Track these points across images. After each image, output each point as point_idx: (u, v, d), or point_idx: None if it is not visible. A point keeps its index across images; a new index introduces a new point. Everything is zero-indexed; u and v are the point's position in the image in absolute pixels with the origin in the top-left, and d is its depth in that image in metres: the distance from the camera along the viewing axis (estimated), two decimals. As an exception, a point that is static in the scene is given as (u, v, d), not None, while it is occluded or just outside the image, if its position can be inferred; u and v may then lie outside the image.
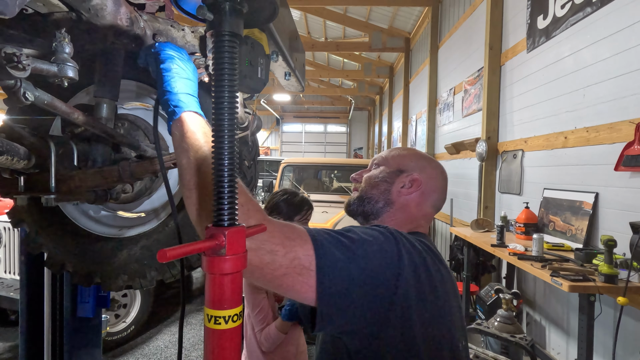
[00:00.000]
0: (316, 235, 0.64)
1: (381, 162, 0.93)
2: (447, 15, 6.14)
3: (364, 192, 0.90)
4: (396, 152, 0.95)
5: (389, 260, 0.65)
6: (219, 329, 0.42)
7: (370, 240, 0.67)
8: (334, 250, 0.62)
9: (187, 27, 0.83)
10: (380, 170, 0.91)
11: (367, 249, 0.65)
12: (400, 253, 0.67)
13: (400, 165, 0.90)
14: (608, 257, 2.01)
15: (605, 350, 2.40)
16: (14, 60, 0.47)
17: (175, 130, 0.62)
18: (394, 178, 0.88)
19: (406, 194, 0.87)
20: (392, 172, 0.89)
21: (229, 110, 0.43)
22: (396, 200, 0.87)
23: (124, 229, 1.10)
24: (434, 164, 0.93)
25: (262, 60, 0.59)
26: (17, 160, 0.70)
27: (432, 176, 0.90)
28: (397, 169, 0.90)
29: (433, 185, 0.89)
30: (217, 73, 0.43)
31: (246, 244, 0.47)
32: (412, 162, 0.90)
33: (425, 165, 0.91)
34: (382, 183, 0.88)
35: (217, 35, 0.42)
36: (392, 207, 0.87)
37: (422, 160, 0.92)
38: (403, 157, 0.92)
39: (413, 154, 0.94)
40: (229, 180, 0.44)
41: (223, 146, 0.44)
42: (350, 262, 0.62)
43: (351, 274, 0.61)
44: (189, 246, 0.38)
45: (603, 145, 2.53)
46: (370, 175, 0.92)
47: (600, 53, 2.58)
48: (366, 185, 0.90)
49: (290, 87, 0.99)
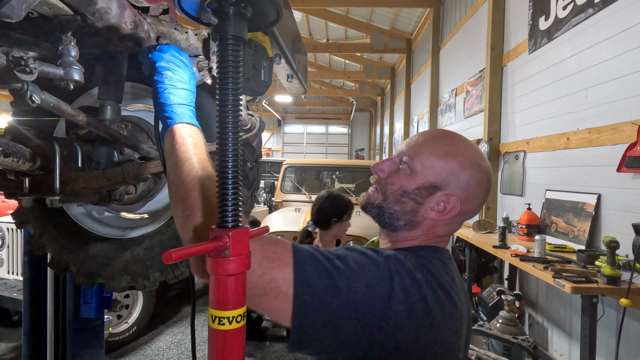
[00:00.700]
0: (301, 258, 0.58)
1: (413, 161, 0.71)
2: (449, 17, 6.14)
3: (386, 203, 0.72)
4: (438, 151, 0.70)
5: (376, 300, 0.57)
6: (223, 329, 0.43)
7: (358, 273, 0.59)
8: (315, 279, 0.57)
9: (190, 30, 0.84)
10: (410, 178, 0.70)
11: (352, 283, 0.57)
12: (391, 292, 0.58)
13: (437, 179, 0.69)
14: (611, 259, 2.00)
15: (608, 352, 2.39)
16: (22, 64, 0.48)
17: (166, 142, 0.62)
18: (425, 197, 0.70)
19: (436, 217, 0.70)
20: (424, 189, 0.70)
21: (233, 114, 0.43)
22: (422, 222, 0.71)
23: (127, 230, 1.11)
24: (480, 177, 0.71)
25: (265, 63, 0.60)
26: (23, 162, 0.70)
27: (473, 196, 0.71)
28: (432, 183, 0.69)
29: (471, 205, 0.72)
30: (222, 77, 0.44)
31: (245, 279, 0.47)
32: (454, 177, 0.69)
33: (468, 182, 0.70)
34: (410, 202, 0.70)
35: (221, 39, 0.43)
36: (415, 228, 0.72)
37: (467, 174, 0.70)
38: (445, 165, 0.69)
39: (459, 162, 0.70)
40: (233, 182, 0.44)
41: (227, 149, 0.44)
42: (330, 294, 0.56)
43: (328, 307, 0.56)
44: (194, 247, 0.39)
45: (605, 146, 2.52)
46: (396, 184, 0.71)
47: (602, 54, 2.58)
48: (390, 195, 0.71)
49: (293, 89, 1.00)
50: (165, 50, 0.69)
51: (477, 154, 0.72)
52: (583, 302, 2.10)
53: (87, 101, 1.04)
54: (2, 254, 3.10)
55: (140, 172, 0.88)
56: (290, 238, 3.12)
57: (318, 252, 0.61)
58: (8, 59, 0.47)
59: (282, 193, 4.69)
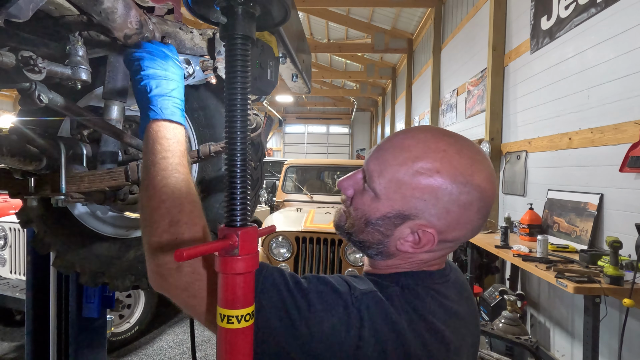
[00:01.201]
0: (261, 291, 0.50)
1: (375, 182, 0.57)
2: (450, 17, 6.14)
3: (353, 230, 0.61)
4: (406, 167, 0.55)
5: (340, 350, 0.48)
6: (232, 328, 0.43)
7: (321, 316, 0.50)
8: (273, 318, 0.49)
9: (195, 30, 0.84)
10: (373, 203, 0.57)
11: (312, 329, 0.49)
12: (359, 340, 0.49)
13: (405, 207, 0.55)
14: (613, 259, 2.00)
15: (610, 353, 2.39)
16: (31, 63, 0.48)
17: (144, 140, 0.58)
18: (391, 228, 0.57)
19: (410, 249, 0.58)
20: (389, 220, 0.57)
21: (241, 113, 0.43)
22: (395, 253, 0.60)
23: (131, 230, 1.11)
24: (470, 198, 0.54)
25: (271, 62, 0.60)
26: (29, 161, 0.71)
27: (459, 221, 0.56)
28: (399, 212, 0.56)
29: (458, 233, 0.57)
30: (230, 76, 0.44)
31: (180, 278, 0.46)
32: (426, 203, 0.54)
33: (449, 206, 0.54)
34: (375, 232, 0.58)
35: (230, 38, 0.43)
36: (391, 258, 0.61)
37: (447, 197, 0.54)
38: (415, 187, 0.54)
39: (437, 182, 0.54)
40: (242, 181, 0.44)
41: (236, 148, 0.44)
42: (289, 335, 0.49)
43: (287, 349, 0.49)
44: (204, 246, 0.39)
45: (608, 146, 2.52)
46: (359, 209, 0.59)
47: (605, 54, 2.57)
48: (355, 222, 0.60)
49: (297, 88, 1.00)
50: (146, 45, 0.63)
51: (464, 166, 0.54)
52: (586, 302, 2.09)
53: (92, 101, 1.04)
54: (5, 253, 3.11)
55: (145, 172, 0.88)
56: (292, 238, 3.12)
57: (282, 279, 0.52)
58: (17, 58, 0.47)
59: (284, 193, 4.69)
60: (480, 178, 0.55)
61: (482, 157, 0.57)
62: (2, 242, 3.11)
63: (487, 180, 0.56)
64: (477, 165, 0.55)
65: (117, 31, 0.71)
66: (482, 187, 0.55)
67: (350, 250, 3.07)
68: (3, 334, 3.43)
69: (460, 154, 0.55)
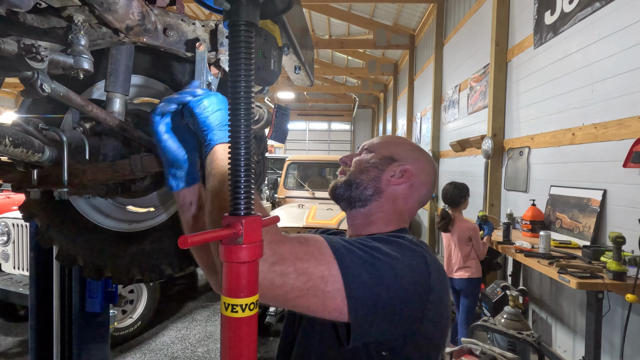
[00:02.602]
0: (341, 254, 0.61)
1: (372, 148, 0.87)
2: (453, 12, 6.10)
3: (353, 176, 0.84)
4: (389, 139, 0.90)
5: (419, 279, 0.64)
6: (235, 317, 0.42)
7: (398, 259, 0.64)
8: (363, 273, 0.60)
9: (197, 22, 0.83)
10: (371, 156, 0.85)
11: (396, 272, 0.62)
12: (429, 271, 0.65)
13: (392, 153, 0.85)
14: (616, 254, 1.99)
15: (612, 349, 2.39)
16: (32, 51, 0.47)
17: (207, 160, 0.66)
18: (385, 165, 0.83)
19: (395, 183, 0.82)
20: (383, 159, 0.84)
21: (245, 100, 0.43)
22: (385, 189, 0.83)
23: (134, 223, 1.11)
24: (427, 158, 0.88)
25: (274, 52, 0.59)
26: (32, 153, 0.70)
27: (424, 170, 0.85)
28: (388, 156, 0.84)
29: (423, 179, 0.85)
30: (233, 63, 0.43)
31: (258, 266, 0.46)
32: (404, 152, 0.85)
33: (418, 157, 0.86)
34: (373, 169, 0.83)
35: (233, 24, 0.42)
36: (381, 197, 0.82)
37: (415, 152, 0.87)
38: (396, 145, 0.87)
39: (406, 143, 0.89)
40: (245, 169, 0.44)
41: (239, 135, 0.44)
42: (379, 285, 0.61)
43: (380, 298, 0.60)
44: (209, 233, 0.38)
45: (612, 141, 2.50)
46: (360, 160, 0.86)
47: (609, 48, 2.55)
48: (355, 169, 0.84)
49: (299, 81, 0.99)
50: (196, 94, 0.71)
51: (422, 148, 0.91)
52: (588, 298, 2.09)
53: (94, 94, 1.04)
54: (8, 249, 3.12)
55: (148, 165, 0.88)
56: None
57: (352, 244, 0.64)
58: (19, 46, 0.47)
59: (285, 189, 4.69)
60: (432, 159, 0.90)
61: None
62: (5, 238, 3.12)
63: (435, 165, 0.90)
64: (423, 149, 0.92)
65: (118, 22, 0.71)
66: (433, 163, 0.88)
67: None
68: (7, 329, 3.46)
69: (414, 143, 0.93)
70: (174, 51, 0.83)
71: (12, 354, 3.05)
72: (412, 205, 0.85)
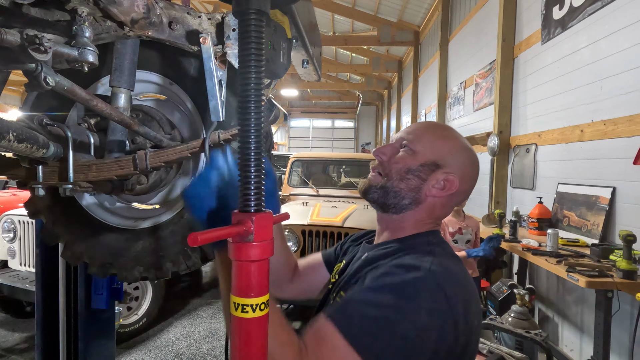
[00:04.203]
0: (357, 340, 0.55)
1: (414, 144, 0.75)
2: (458, 7, 6.04)
3: (391, 183, 0.74)
4: (436, 134, 0.77)
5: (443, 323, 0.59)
6: (246, 317, 0.41)
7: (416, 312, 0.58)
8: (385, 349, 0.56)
9: (203, 14, 0.82)
10: (412, 157, 0.74)
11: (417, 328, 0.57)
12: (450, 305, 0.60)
13: (437, 158, 0.74)
14: (627, 253, 1.96)
15: (621, 348, 2.36)
16: (36, 42, 0.46)
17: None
18: (427, 174, 0.74)
19: (436, 195, 0.74)
20: (427, 166, 0.74)
21: (255, 92, 0.41)
22: (424, 200, 0.75)
23: (139, 221, 1.10)
24: (473, 160, 0.78)
25: (284, 44, 0.57)
26: (37, 148, 0.69)
27: (468, 176, 0.77)
28: (433, 161, 0.74)
29: (466, 186, 0.77)
30: (243, 53, 0.42)
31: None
32: (451, 156, 0.75)
33: (464, 161, 0.76)
34: (414, 178, 0.73)
35: (243, 13, 0.41)
36: (418, 207, 0.75)
37: (463, 154, 0.76)
38: (442, 143, 0.75)
39: (455, 142, 0.77)
40: (256, 165, 0.43)
41: (249, 129, 0.42)
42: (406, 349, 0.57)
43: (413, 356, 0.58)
44: (218, 231, 0.37)
45: (621, 138, 2.46)
46: (400, 163, 0.75)
47: (619, 43, 2.51)
48: (395, 174, 0.74)
49: (307, 75, 0.97)
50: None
51: (466, 141, 0.81)
52: (597, 297, 2.06)
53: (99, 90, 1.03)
54: (14, 246, 3.14)
55: (153, 161, 0.87)
56: (299, 231, 3.11)
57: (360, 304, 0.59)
58: (22, 37, 0.46)
59: (290, 187, 4.68)
60: (477, 160, 0.80)
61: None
62: (11, 235, 3.14)
63: (479, 166, 0.81)
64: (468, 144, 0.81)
65: (123, 15, 0.69)
66: (477, 166, 0.79)
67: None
68: (14, 325, 3.48)
69: (459, 134, 0.82)
70: (179, 45, 0.81)
71: (19, 350, 3.07)
72: (448, 211, 0.80)
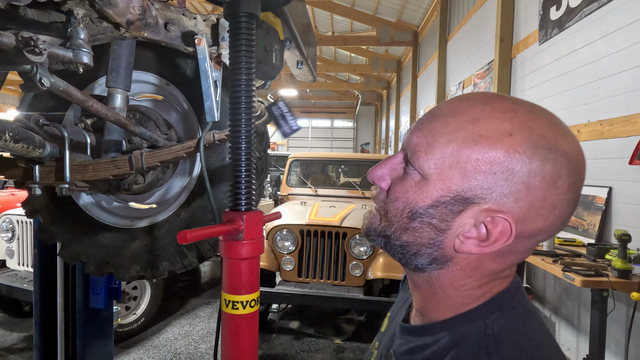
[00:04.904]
0: None
1: (420, 157, 0.42)
2: (457, 8, 6.05)
3: (391, 231, 0.44)
4: (465, 132, 0.40)
5: None
6: (236, 313, 0.42)
7: None
8: None
9: (199, 16, 0.82)
10: (422, 187, 0.42)
11: None
12: None
13: (465, 186, 0.40)
14: (622, 252, 1.97)
15: (617, 347, 2.37)
16: (31, 45, 0.47)
17: None
18: (450, 218, 0.41)
19: (475, 249, 0.41)
20: (446, 206, 0.41)
21: (246, 93, 0.42)
22: (454, 256, 0.43)
23: (136, 220, 1.11)
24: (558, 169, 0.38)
25: (276, 45, 0.58)
26: (33, 148, 0.70)
27: (545, 204, 0.39)
28: (458, 194, 0.40)
29: (542, 222, 0.40)
30: (234, 55, 0.43)
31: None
32: (495, 176, 0.39)
33: (529, 180, 0.38)
34: (425, 229, 0.42)
35: (234, 16, 0.42)
36: (447, 266, 0.44)
37: (528, 166, 0.38)
38: (480, 157, 0.39)
39: (510, 145, 0.38)
40: (246, 165, 0.43)
41: (240, 129, 0.43)
42: None
43: None
44: (208, 229, 0.38)
45: (617, 138, 2.48)
46: (399, 199, 0.43)
47: (615, 44, 2.52)
48: (394, 218, 0.44)
49: (302, 76, 0.98)
50: None
51: (543, 127, 0.39)
52: (593, 296, 2.07)
53: (95, 90, 1.04)
54: (13, 245, 3.14)
55: (149, 161, 0.88)
56: (297, 231, 3.12)
57: None
58: (17, 39, 0.46)
59: (288, 187, 4.69)
60: (568, 143, 0.39)
61: (561, 121, 0.42)
62: (9, 235, 3.14)
63: (577, 147, 0.40)
64: (560, 128, 0.40)
65: (119, 16, 0.70)
66: (571, 155, 0.39)
67: (354, 244, 3.06)
68: (12, 325, 3.49)
69: (535, 113, 0.40)
70: (175, 46, 0.82)
71: (17, 350, 3.07)
72: (515, 258, 0.44)
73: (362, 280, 3.03)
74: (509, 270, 0.44)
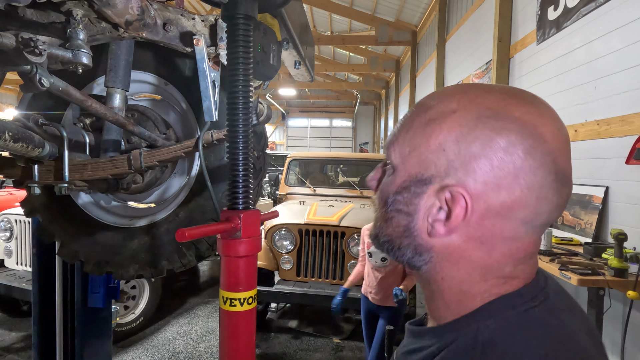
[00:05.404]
0: None
1: (391, 153, 0.44)
2: (455, 7, 6.06)
3: (379, 228, 0.46)
4: (419, 120, 0.42)
5: None
6: (234, 311, 0.42)
7: None
8: None
9: (197, 16, 0.83)
10: (392, 179, 0.44)
11: None
12: None
13: (422, 168, 0.41)
14: (618, 251, 1.99)
15: (613, 346, 2.38)
16: (31, 45, 0.47)
17: None
18: (412, 199, 0.42)
19: (442, 231, 0.40)
20: (407, 190, 0.42)
21: (243, 93, 0.43)
22: (431, 245, 0.42)
23: (135, 219, 1.11)
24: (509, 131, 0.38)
25: (274, 46, 0.59)
26: (32, 147, 0.71)
27: (506, 168, 0.37)
28: (414, 176, 0.41)
29: (512, 185, 0.37)
30: (231, 57, 0.43)
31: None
32: (445, 153, 0.39)
33: (479, 148, 0.38)
34: (397, 215, 0.43)
35: (231, 17, 0.42)
36: (431, 260, 0.43)
37: (470, 136, 0.38)
38: (430, 138, 0.40)
39: (455, 122, 0.39)
40: (244, 164, 0.44)
41: (237, 129, 0.44)
42: None
43: None
44: (206, 227, 0.39)
45: (614, 138, 2.49)
46: (381, 194, 0.46)
47: (612, 44, 2.53)
48: (378, 214, 0.46)
49: (300, 76, 0.99)
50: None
51: (494, 100, 0.40)
52: (589, 295, 2.09)
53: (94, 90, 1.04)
54: (11, 245, 3.14)
55: (148, 160, 0.88)
56: (295, 230, 3.12)
57: None
58: (17, 40, 0.47)
59: (287, 186, 4.70)
60: (521, 110, 0.38)
61: (530, 96, 0.41)
62: (8, 234, 3.14)
63: (535, 113, 0.39)
64: (519, 98, 0.40)
65: (118, 17, 0.70)
66: (524, 120, 0.38)
67: (352, 243, 3.07)
68: (11, 324, 3.49)
69: (490, 91, 0.40)
70: (173, 46, 0.83)
71: (16, 349, 3.07)
72: (509, 248, 0.40)
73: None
74: (511, 269, 0.40)
